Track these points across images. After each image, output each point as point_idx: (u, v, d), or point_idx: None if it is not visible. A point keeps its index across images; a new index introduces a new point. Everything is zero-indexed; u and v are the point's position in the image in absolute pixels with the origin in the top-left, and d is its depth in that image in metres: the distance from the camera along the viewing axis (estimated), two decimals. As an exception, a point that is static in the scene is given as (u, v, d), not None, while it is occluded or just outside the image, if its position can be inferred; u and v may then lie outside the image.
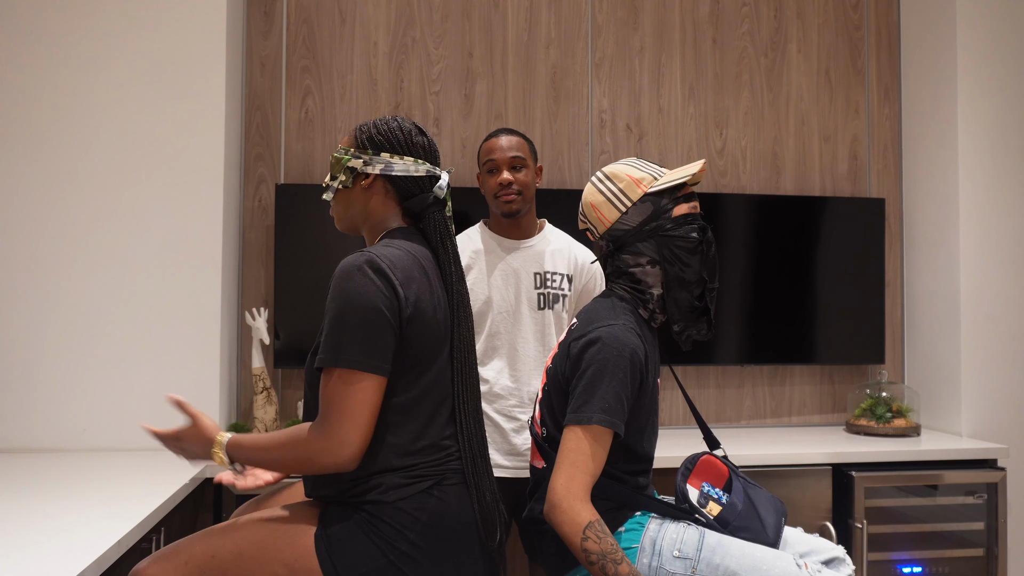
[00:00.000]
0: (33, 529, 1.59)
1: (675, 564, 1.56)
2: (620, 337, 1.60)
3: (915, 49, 3.21)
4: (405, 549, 1.41)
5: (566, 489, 1.52)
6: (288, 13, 2.92)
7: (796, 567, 1.55)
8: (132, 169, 2.53)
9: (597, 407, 1.55)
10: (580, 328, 1.67)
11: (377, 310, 1.40)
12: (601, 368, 1.57)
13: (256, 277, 2.86)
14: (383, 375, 1.41)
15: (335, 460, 1.38)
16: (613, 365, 1.57)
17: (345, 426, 1.37)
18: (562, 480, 1.53)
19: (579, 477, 1.53)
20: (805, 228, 3.07)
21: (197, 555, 1.42)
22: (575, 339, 1.65)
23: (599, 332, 1.61)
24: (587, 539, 1.47)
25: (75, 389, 2.48)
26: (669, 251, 1.69)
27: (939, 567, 2.63)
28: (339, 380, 1.39)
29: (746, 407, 3.14)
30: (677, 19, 3.15)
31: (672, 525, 1.61)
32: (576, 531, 1.48)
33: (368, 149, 1.57)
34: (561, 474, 1.53)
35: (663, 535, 1.59)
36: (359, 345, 1.39)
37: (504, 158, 2.16)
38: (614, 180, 1.75)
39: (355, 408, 1.38)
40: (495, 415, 2.17)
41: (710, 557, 1.55)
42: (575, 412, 1.57)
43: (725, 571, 1.54)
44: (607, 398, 1.56)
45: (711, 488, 1.72)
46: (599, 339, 1.60)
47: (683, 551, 1.56)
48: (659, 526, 1.61)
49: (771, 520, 1.68)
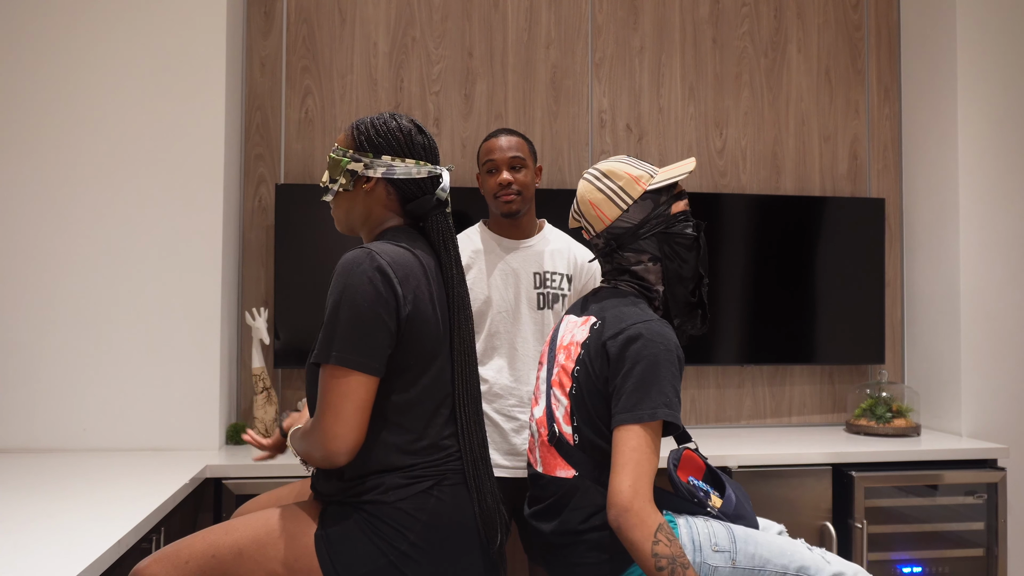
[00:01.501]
0: (33, 529, 1.59)
1: (716, 558, 1.55)
2: (662, 332, 1.58)
3: (915, 49, 3.21)
4: (405, 549, 1.41)
5: (634, 491, 1.47)
6: (288, 13, 2.92)
7: (809, 550, 1.60)
8: (132, 169, 2.53)
9: (659, 402, 1.52)
10: (612, 326, 1.62)
11: (373, 308, 1.40)
12: (652, 363, 1.54)
13: (256, 277, 2.86)
14: (373, 374, 1.41)
15: (324, 454, 1.40)
16: (664, 359, 1.55)
17: (330, 420, 1.39)
18: (629, 482, 1.48)
19: (645, 478, 1.49)
20: (805, 228, 3.07)
21: (197, 554, 1.43)
22: (610, 338, 1.60)
23: (638, 328, 1.58)
24: (658, 543, 1.44)
25: (75, 389, 2.48)
26: (670, 248, 1.69)
27: (939, 567, 2.63)
28: (329, 376, 1.40)
29: (746, 407, 3.14)
30: (677, 19, 3.15)
31: (696, 520, 1.61)
32: (648, 535, 1.44)
33: (368, 151, 1.55)
34: (626, 476, 1.49)
35: (696, 531, 1.58)
36: (351, 342, 1.39)
37: (504, 158, 2.16)
38: (612, 178, 1.74)
39: (341, 404, 1.39)
40: (494, 415, 2.17)
41: (744, 547, 1.56)
42: (631, 411, 1.53)
43: (760, 559, 1.56)
44: (666, 392, 1.53)
45: (697, 482, 1.73)
46: (640, 335, 1.57)
47: (720, 544, 1.56)
48: (687, 522, 1.60)
49: (750, 507, 1.72)
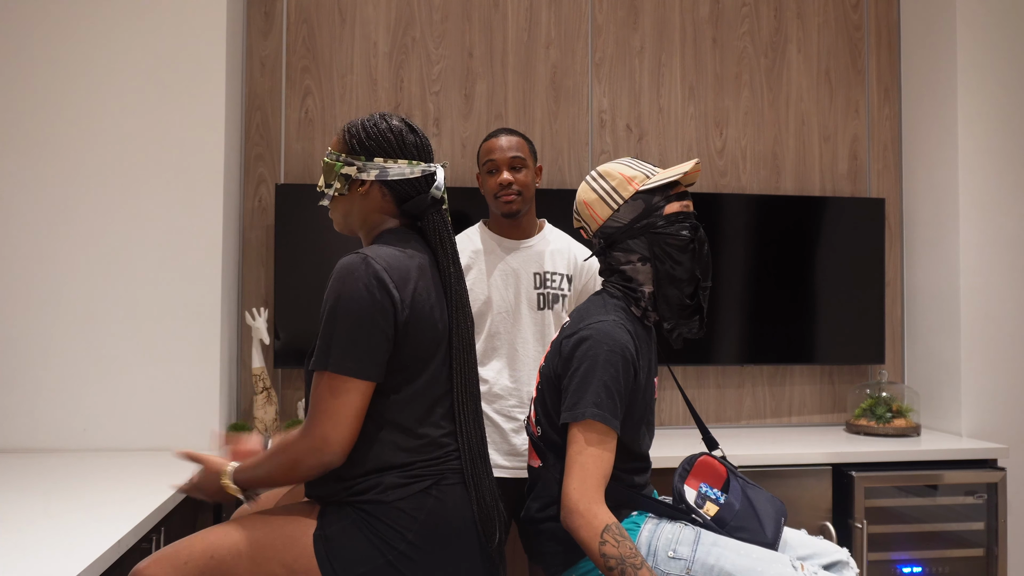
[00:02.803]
0: (33, 529, 1.59)
1: (670, 564, 1.55)
2: (610, 333, 1.60)
3: (915, 49, 3.21)
4: (403, 549, 1.41)
5: (580, 492, 1.50)
6: (288, 13, 2.92)
7: (792, 568, 1.53)
8: (132, 169, 2.53)
9: (590, 402, 1.55)
10: (571, 326, 1.67)
11: (369, 314, 1.40)
12: (592, 364, 1.57)
13: (256, 277, 2.87)
14: (370, 379, 1.41)
15: (319, 459, 1.40)
16: (604, 361, 1.57)
17: (325, 425, 1.39)
18: (575, 483, 1.51)
19: (591, 479, 1.51)
20: (805, 228, 3.07)
21: (197, 555, 1.43)
22: (566, 337, 1.66)
23: (589, 329, 1.62)
24: (605, 543, 1.45)
25: (75, 389, 2.48)
26: (660, 248, 1.69)
27: (939, 567, 2.63)
28: (325, 383, 1.41)
29: (746, 407, 3.14)
30: (677, 19, 3.15)
31: (668, 525, 1.61)
32: (594, 535, 1.46)
33: (360, 154, 1.55)
34: (572, 478, 1.52)
35: (659, 535, 1.59)
36: (347, 349, 1.40)
37: (504, 158, 2.16)
38: (606, 178, 1.76)
39: (336, 409, 1.39)
40: (495, 415, 2.17)
41: (704, 558, 1.54)
42: (569, 410, 1.58)
43: (720, 572, 1.53)
44: (599, 393, 1.55)
45: (709, 488, 1.72)
46: (589, 336, 1.60)
47: (678, 551, 1.56)
48: (655, 526, 1.61)
49: (770, 520, 1.68)
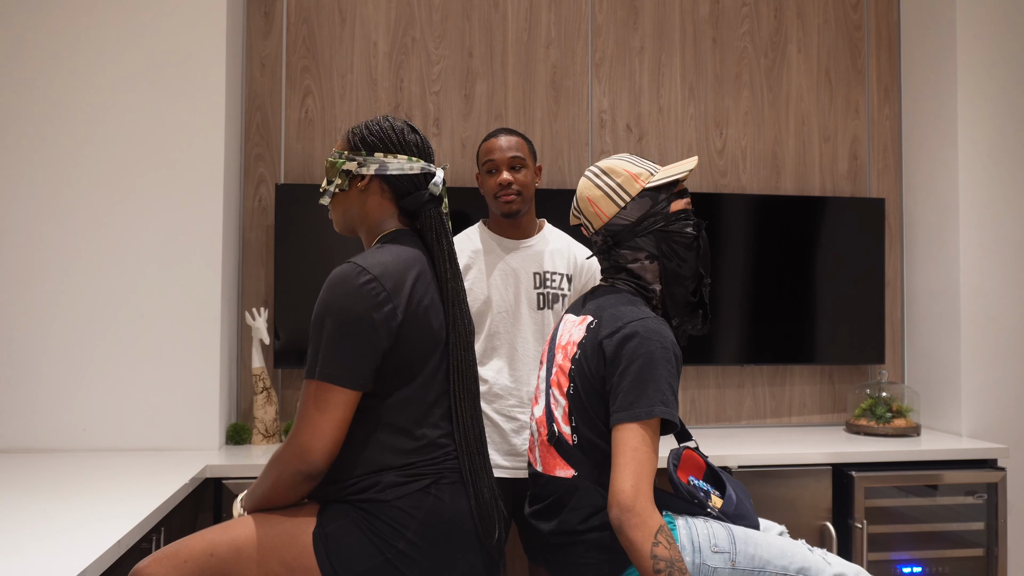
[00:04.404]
0: (33, 529, 1.59)
1: (715, 559, 1.55)
2: (658, 329, 1.58)
3: (915, 49, 3.21)
4: (402, 548, 1.41)
5: (636, 491, 1.46)
6: (288, 13, 2.92)
7: (809, 551, 1.59)
8: (132, 169, 2.53)
9: (656, 400, 1.51)
10: (608, 325, 1.62)
11: (358, 323, 1.41)
12: (648, 361, 1.54)
13: (256, 277, 2.87)
14: (357, 388, 1.42)
15: (298, 467, 1.42)
16: (660, 357, 1.54)
17: (305, 433, 1.41)
18: (631, 482, 1.47)
19: (646, 478, 1.48)
20: (805, 228, 3.07)
21: (196, 553, 1.43)
22: (607, 336, 1.60)
23: (634, 326, 1.58)
24: (658, 544, 1.43)
25: (75, 389, 2.48)
26: (667, 246, 1.69)
27: (939, 567, 2.63)
28: (311, 391, 1.42)
29: (746, 407, 3.14)
30: (677, 19, 3.16)
31: (696, 521, 1.60)
32: (649, 536, 1.43)
33: (361, 151, 1.57)
34: (628, 475, 1.47)
35: (695, 532, 1.58)
36: (334, 358, 1.41)
37: (503, 158, 2.16)
38: (611, 175, 1.74)
39: (318, 417, 1.41)
40: (494, 415, 2.17)
41: (744, 548, 1.56)
42: (628, 409, 1.52)
43: (759, 560, 1.55)
44: (663, 390, 1.52)
45: (698, 482, 1.72)
46: (636, 333, 1.56)
47: (719, 545, 1.56)
48: (686, 523, 1.60)
49: (751, 506, 1.71)
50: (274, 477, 1.46)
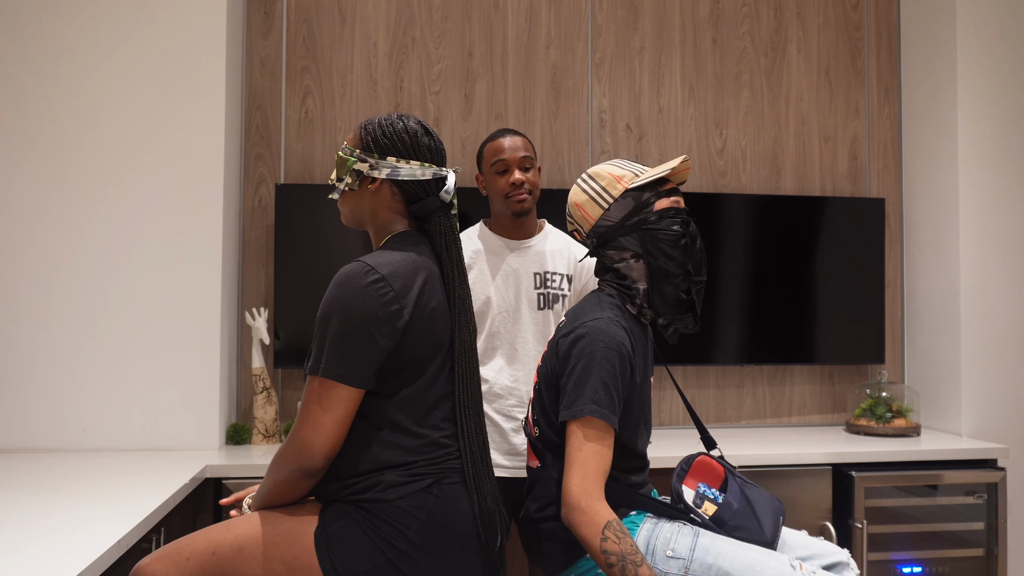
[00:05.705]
0: (33, 529, 1.59)
1: (668, 564, 1.56)
2: (605, 330, 1.61)
3: (915, 49, 3.21)
4: (404, 547, 1.42)
5: (581, 489, 1.51)
6: (288, 13, 2.92)
7: (791, 568, 1.53)
8: (132, 169, 2.53)
9: (588, 399, 1.56)
10: (567, 325, 1.69)
11: (364, 323, 1.41)
12: (589, 362, 1.58)
13: (256, 277, 2.86)
14: (360, 387, 1.43)
15: (298, 462, 1.42)
16: (601, 357, 1.58)
17: (306, 429, 1.41)
18: (576, 480, 1.52)
19: (591, 475, 1.52)
20: (805, 228, 3.07)
21: (198, 552, 1.43)
22: (563, 336, 1.67)
23: (585, 327, 1.63)
24: (606, 539, 1.46)
25: (75, 389, 2.47)
26: (652, 244, 1.71)
27: (939, 567, 2.63)
28: (315, 388, 1.42)
29: (746, 407, 3.14)
30: (677, 19, 3.16)
31: (667, 525, 1.61)
32: (595, 532, 1.47)
33: (374, 152, 1.56)
34: (573, 474, 1.53)
35: (657, 535, 1.59)
36: (338, 356, 1.41)
37: (515, 158, 2.18)
38: (596, 179, 1.78)
39: (320, 414, 1.41)
40: (495, 415, 2.17)
41: (703, 557, 1.55)
42: (568, 408, 1.58)
43: (718, 571, 1.53)
44: (596, 389, 1.56)
45: (707, 488, 1.72)
46: (585, 334, 1.61)
47: (676, 551, 1.56)
48: (654, 526, 1.61)
49: (768, 520, 1.68)
50: (275, 474, 1.47)
